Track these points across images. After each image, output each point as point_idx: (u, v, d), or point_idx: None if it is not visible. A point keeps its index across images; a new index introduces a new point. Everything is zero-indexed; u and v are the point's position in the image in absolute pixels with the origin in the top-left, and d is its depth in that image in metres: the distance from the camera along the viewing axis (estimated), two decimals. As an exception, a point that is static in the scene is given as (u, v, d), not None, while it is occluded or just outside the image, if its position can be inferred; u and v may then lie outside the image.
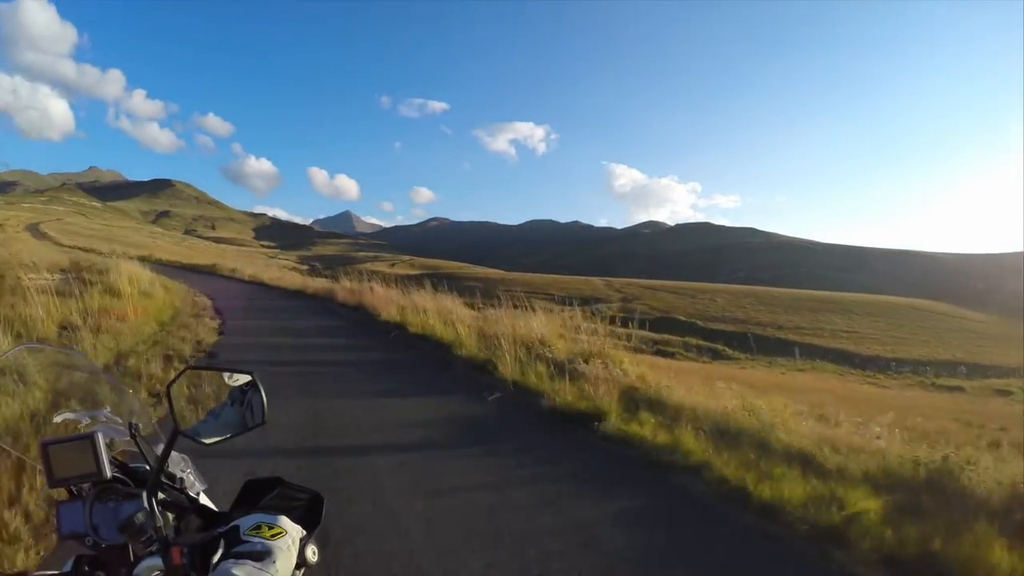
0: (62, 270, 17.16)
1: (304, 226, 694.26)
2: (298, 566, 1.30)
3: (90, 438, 1.41)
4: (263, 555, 1.17)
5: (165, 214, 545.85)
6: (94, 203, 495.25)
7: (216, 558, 1.23)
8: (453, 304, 16.24)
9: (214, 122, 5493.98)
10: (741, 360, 46.04)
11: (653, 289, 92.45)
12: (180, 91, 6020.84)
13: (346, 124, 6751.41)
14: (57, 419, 1.66)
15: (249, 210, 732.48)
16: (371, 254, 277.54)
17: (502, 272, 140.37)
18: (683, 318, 71.54)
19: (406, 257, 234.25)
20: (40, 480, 3.80)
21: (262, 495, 1.53)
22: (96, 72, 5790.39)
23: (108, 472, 1.41)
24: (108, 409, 1.65)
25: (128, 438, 1.57)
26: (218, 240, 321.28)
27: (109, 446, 1.47)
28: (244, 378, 1.57)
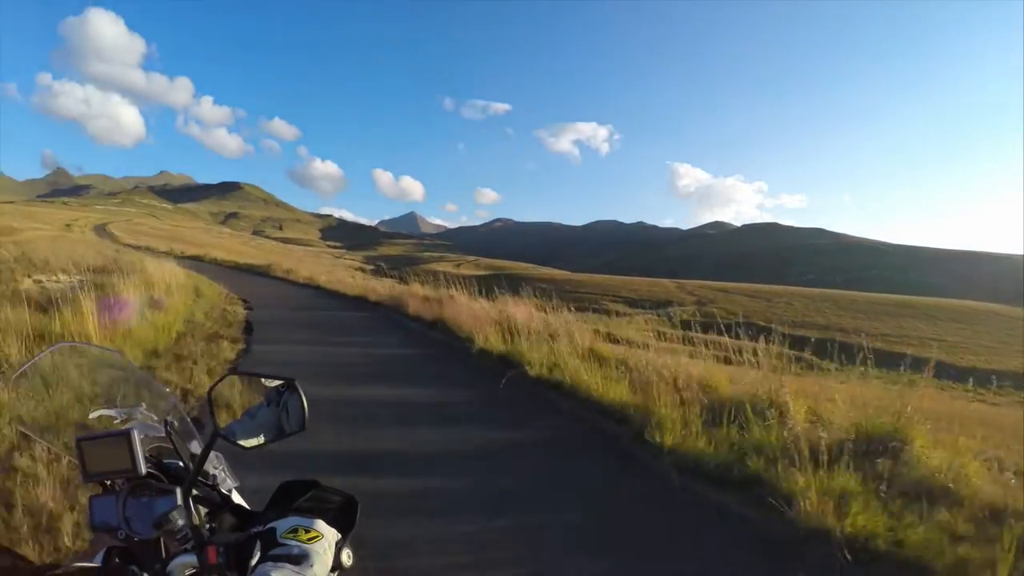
0: (86, 271, 14.41)
1: (370, 227, 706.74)
2: (333, 569, 1.29)
3: (126, 435, 1.41)
4: (300, 559, 1.17)
5: (234, 215, 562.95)
6: (165, 205, 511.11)
7: (254, 560, 1.22)
8: (564, 320, 11.72)
9: (280, 126, 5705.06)
10: (833, 371, 39.87)
11: (726, 292, 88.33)
12: (246, 97, 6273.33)
13: (410, 127, 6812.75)
14: (93, 416, 1.64)
15: (316, 211, 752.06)
16: (436, 254, 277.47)
17: (570, 273, 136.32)
18: (762, 323, 65.07)
19: (471, 257, 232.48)
20: (75, 474, 3.95)
21: (297, 496, 1.49)
22: (164, 80, 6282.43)
23: (143, 468, 1.41)
24: (143, 406, 1.65)
25: (162, 435, 1.55)
26: (285, 240, 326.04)
27: (143, 442, 1.45)
28: (284, 383, 1.54)
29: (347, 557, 1.34)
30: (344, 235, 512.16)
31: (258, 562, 1.20)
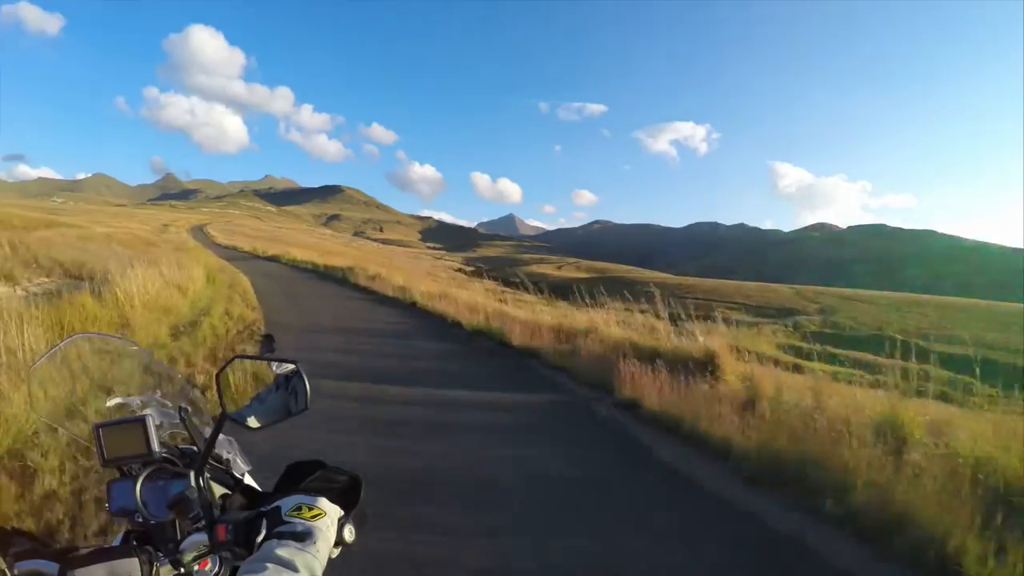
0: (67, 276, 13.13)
1: (469, 228, 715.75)
2: (336, 544, 1.31)
3: (141, 421, 1.48)
4: (304, 535, 1.20)
5: (335, 217, 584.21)
6: (269, 207, 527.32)
7: (260, 537, 1.24)
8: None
9: (378, 131, 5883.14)
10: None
11: (849, 299, 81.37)
12: (344, 104, 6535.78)
13: (506, 130, 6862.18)
14: (110, 403, 1.71)
15: (415, 213, 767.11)
16: (536, 256, 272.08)
17: (678, 277, 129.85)
18: (899, 336, 57.67)
19: (571, 259, 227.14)
20: (92, 460, 4.30)
21: (304, 477, 1.49)
22: (265, 90, 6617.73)
23: (158, 453, 1.48)
24: (159, 394, 1.73)
25: (177, 421, 1.62)
26: (385, 242, 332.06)
27: (159, 428, 1.53)
28: (289, 366, 1.61)
29: (349, 533, 1.33)
30: (443, 236, 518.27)
31: (264, 539, 1.22)
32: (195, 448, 1.60)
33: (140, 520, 1.46)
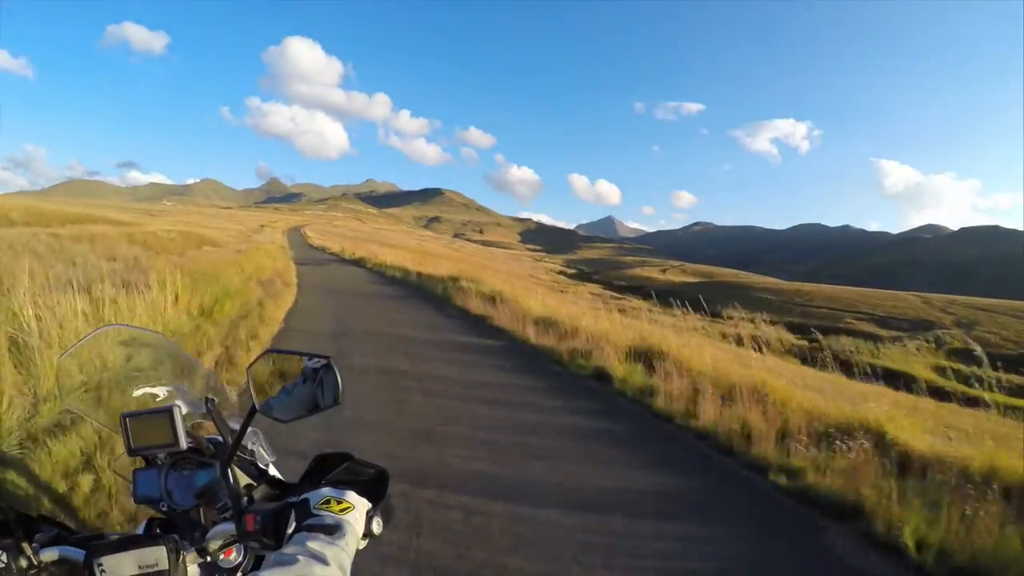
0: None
1: (568, 230, 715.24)
2: (363, 536, 1.33)
3: (168, 412, 1.51)
4: (334, 529, 1.21)
5: (436, 219, 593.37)
6: (370, 210, 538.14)
7: (289, 529, 1.26)
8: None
9: (476, 135, 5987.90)
10: None
11: (986, 310, 75.09)
12: (442, 108, 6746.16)
13: (603, 131, 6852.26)
14: (137, 393, 1.73)
15: (514, 215, 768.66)
16: (637, 259, 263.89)
17: (792, 283, 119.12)
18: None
19: (675, 262, 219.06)
20: (118, 449, 4.07)
21: (331, 469, 1.50)
22: (363, 97, 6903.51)
23: (184, 443, 1.51)
24: (186, 385, 1.75)
25: (203, 411, 1.63)
26: (485, 243, 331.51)
27: (185, 418, 1.55)
28: (321, 361, 1.57)
29: (377, 526, 1.36)
30: (543, 238, 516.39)
31: (294, 531, 1.23)
32: (220, 438, 1.60)
33: (165, 508, 1.50)
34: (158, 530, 1.44)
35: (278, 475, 1.71)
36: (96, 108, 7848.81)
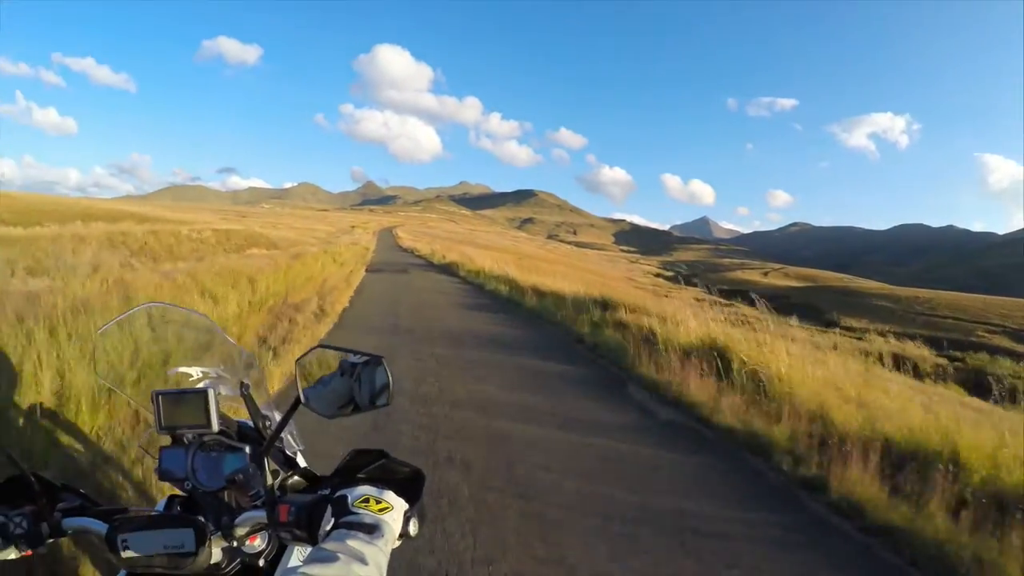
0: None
1: (662, 231, 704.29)
2: (399, 537, 1.30)
3: (204, 393, 1.48)
4: (372, 528, 1.18)
5: (529, 221, 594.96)
6: (463, 211, 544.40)
7: (326, 525, 1.22)
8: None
9: (566, 135, 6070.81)
10: None
11: None
12: (532, 110, 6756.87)
13: (695, 129, 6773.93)
14: (172, 372, 1.74)
15: (607, 216, 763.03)
16: (736, 261, 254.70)
17: (911, 290, 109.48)
18: None
19: (775, 265, 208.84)
20: (145, 425, 4.23)
21: (365, 465, 1.48)
22: (454, 101, 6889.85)
23: (216, 426, 1.48)
24: (222, 367, 1.76)
25: (235, 395, 1.64)
26: (579, 245, 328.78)
27: (218, 401, 1.53)
28: (363, 357, 1.54)
29: (413, 527, 1.33)
30: (637, 239, 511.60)
31: (332, 528, 1.19)
32: (251, 423, 1.60)
33: (189, 488, 1.47)
34: (178, 508, 1.46)
35: (303, 462, 1.73)
36: (195, 117, 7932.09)
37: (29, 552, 1.28)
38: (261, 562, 1.43)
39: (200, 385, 1.66)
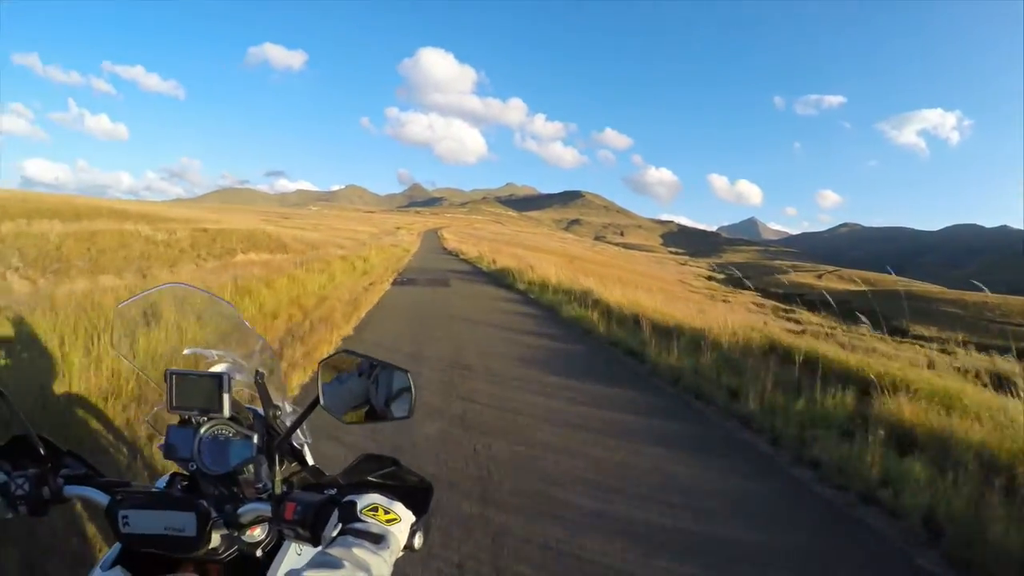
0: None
1: (710, 233, 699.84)
2: (403, 549, 1.28)
3: (218, 377, 1.47)
4: (379, 538, 1.17)
5: (576, 222, 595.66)
6: (510, 212, 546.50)
7: (331, 529, 1.21)
8: None
9: (612, 136, 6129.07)
10: None
11: None
12: (576, 111, 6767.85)
13: (741, 129, 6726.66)
14: (187, 352, 1.76)
15: (654, 217, 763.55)
16: (787, 263, 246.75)
17: (979, 295, 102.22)
18: None
19: (828, 267, 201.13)
20: (153, 403, 4.24)
21: (375, 470, 1.45)
22: (498, 103, 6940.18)
23: (227, 411, 1.48)
24: (238, 353, 1.74)
25: (248, 381, 1.64)
26: (626, 246, 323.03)
27: (231, 387, 1.52)
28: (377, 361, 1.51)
29: (419, 540, 1.30)
30: (685, 241, 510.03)
31: (339, 533, 1.18)
32: (260, 411, 1.58)
33: (193, 469, 1.46)
34: (180, 486, 1.47)
35: (310, 459, 1.76)
36: (243, 122, 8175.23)
37: (29, 515, 1.29)
38: (258, 552, 1.40)
39: (214, 368, 1.63)
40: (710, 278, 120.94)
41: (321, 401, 1.41)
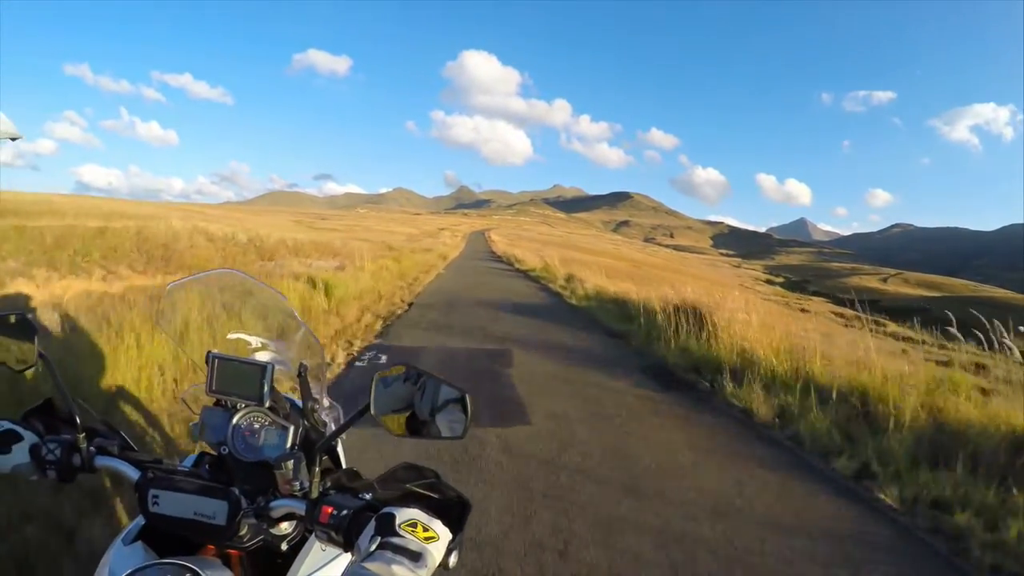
0: None
1: (761, 234, 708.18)
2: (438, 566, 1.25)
3: (262, 368, 1.49)
4: (417, 556, 1.13)
5: (625, 223, 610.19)
6: (558, 214, 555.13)
7: (365, 539, 1.18)
8: None
9: (658, 136, 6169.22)
10: None
11: None
12: (621, 111, 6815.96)
13: (788, 127, 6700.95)
14: (231, 336, 1.76)
15: (702, 219, 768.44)
16: (846, 265, 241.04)
17: None
18: None
19: (890, 270, 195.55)
20: (188, 383, 4.30)
21: (413, 479, 1.42)
22: (543, 104, 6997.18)
23: (267, 402, 1.49)
24: (284, 343, 1.76)
25: (293, 373, 1.66)
26: (677, 248, 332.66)
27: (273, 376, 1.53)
28: (454, 391, 1.40)
29: (454, 559, 1.25)
30: (735, 242, 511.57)
31: (376, 547, 1.14)
32: (299, 402, 1.61)
33: (224, 452, 1.46)
34: (207, 466, 1.46)
35: (342, 454, 1.81)
36: (290, 126, 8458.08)
37: (57, 480, 1.32)
38: (284, 545, 1.39)
39: (257, 355, 1.66)
40: (769, 281, 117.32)
41: (372, 410, 1.33)
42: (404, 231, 70.88)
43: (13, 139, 3.67)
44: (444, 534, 1.18)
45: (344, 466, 1.72)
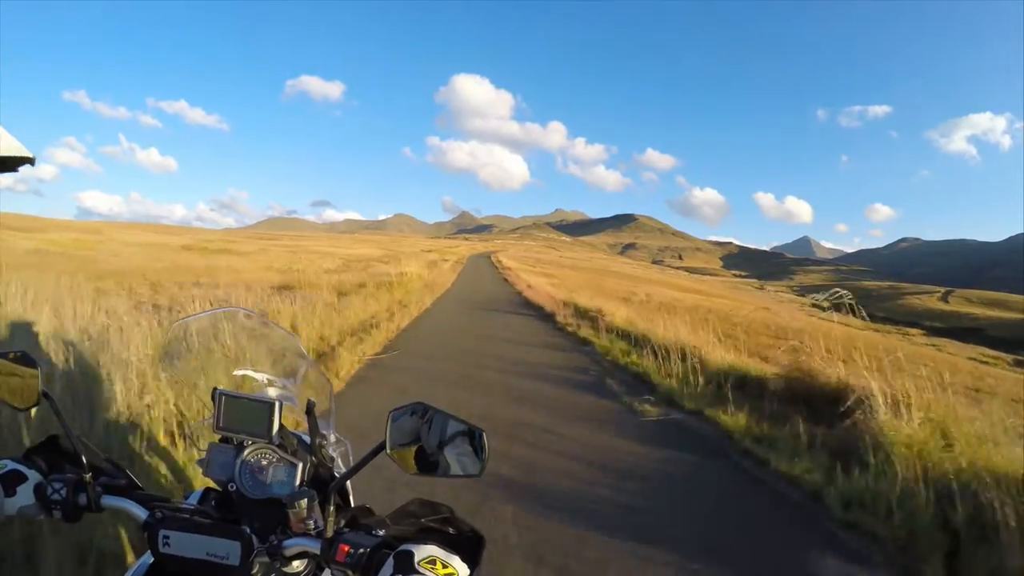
0: None
1: (772, 253, 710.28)
2: None
3: (270, 405, 1.47)
4: None
5: (631, 246, 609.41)
6: (563, 238, 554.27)
7: None
8: None
9: (654, 156, 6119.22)
10: None
11: None
12: (616, 133, 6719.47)
13: (786, 143, 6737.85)
14: (237, 373, 1.74)
15: (704, 239, 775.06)
16: (882, 284, 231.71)
17: None
18: None
19: (937, 288, 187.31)
20: (195, 420, 3.92)
21: (426, 515, 1.43)
22: (537, 127, 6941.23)
23: (275, 439, 1.47)
24: (291, 380, 1.76)
25: (299, 409, 1.66)
26: (688, 270, 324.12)
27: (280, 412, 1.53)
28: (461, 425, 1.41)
29: None
30: (746, 263, 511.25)
31: None
32: (307, 438, 1.59)
33: (233, 489, 1.43)
34: (213, 503, 1.45)
35: (352, 496, 1.78)
36: (286, 153, 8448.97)
37: (63, 520, 1.30)
38: None
39: (263, 391, 1.67)
40: (815, 305, 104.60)
41: (387, 448, 1.33)
42: (363, 252, 61.14)
43: (28, 161, 4.12)
44: (463, 570, 1.18)
45: (352, 503, 1.71)
